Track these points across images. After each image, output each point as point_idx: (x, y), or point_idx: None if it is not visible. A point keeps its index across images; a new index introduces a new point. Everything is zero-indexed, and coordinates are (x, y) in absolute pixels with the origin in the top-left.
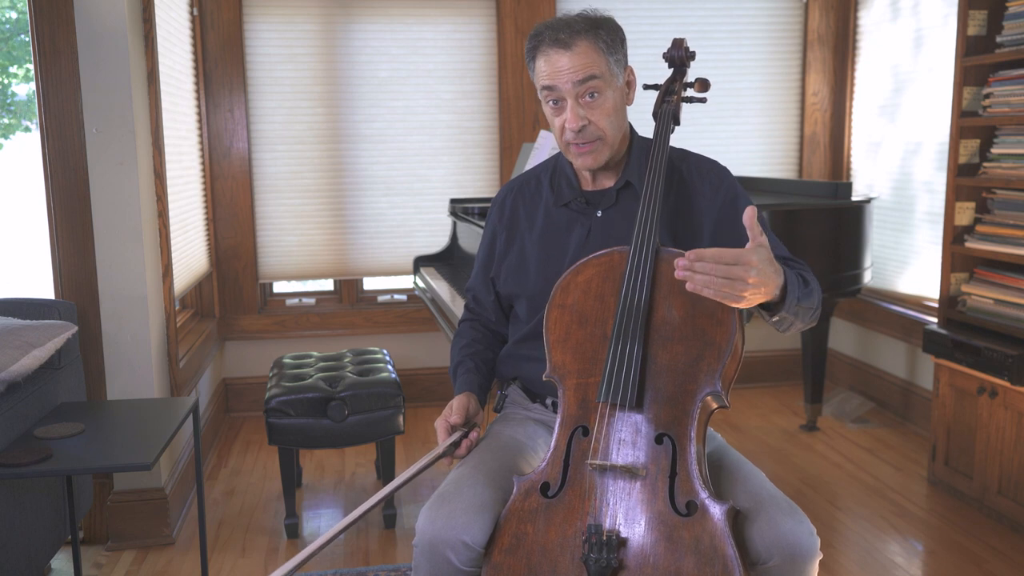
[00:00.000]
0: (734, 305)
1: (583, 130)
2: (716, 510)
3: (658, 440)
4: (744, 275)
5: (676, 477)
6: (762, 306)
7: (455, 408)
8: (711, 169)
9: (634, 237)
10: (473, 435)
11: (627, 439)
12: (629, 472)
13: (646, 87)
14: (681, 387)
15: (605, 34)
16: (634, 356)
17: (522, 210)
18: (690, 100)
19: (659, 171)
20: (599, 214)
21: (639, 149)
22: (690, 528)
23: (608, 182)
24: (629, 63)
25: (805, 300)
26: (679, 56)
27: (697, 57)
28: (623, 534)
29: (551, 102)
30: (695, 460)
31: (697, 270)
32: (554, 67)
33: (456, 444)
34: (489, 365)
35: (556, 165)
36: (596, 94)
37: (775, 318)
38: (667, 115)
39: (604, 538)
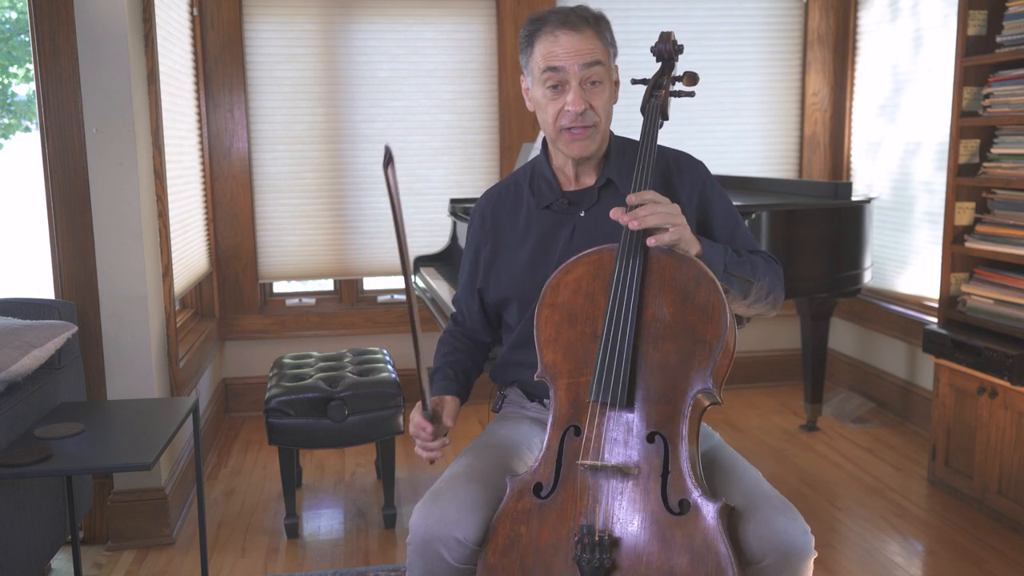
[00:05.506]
0: (675, 230)
1: (584, 113)
2: (708, 508)
3: (650, 439)
4: (670, 206)
5: (668, 476)
6: None
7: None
8: (688, 165)
9: (623, 234)
10: (436, 444)
11: (619, 438)
12: (621, 471)
13: (634, 82)
14: (672, 385)
15: (606, 27)
16: (625, 355)
17: (504, 217)
18: (678, 94)
19: (648, 167)
20: (582, 214)
21: (617, 147)
22: (683, 526)
23: (589, 180)
24: (627, 61)
25: (735, 268)
26: (667, 50)
27: (697, 57)
28: (616, 534)
29: (551, 86)
30: (687, 458)
31: (640, 214)
32: (563, 48)
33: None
34: (467, 374)
35: (534, 169)
36: (598, 82)
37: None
38: (655, 110)
39: (596, 538)
